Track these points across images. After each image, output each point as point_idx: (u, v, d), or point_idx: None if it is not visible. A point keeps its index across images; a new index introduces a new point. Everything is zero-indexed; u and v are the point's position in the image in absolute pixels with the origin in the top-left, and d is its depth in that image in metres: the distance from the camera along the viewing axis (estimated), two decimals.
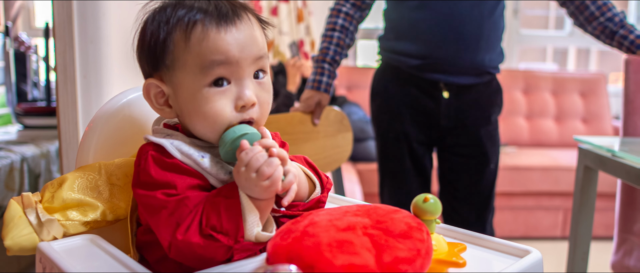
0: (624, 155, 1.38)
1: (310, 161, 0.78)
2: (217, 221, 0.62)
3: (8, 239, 0.68)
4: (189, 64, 0.67)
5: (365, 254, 0.56)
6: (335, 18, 1.59)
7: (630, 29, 1.58)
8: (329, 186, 0.78)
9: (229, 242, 0.62)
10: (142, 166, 0.67)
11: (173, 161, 0.67)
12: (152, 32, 0.68)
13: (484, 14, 1.49)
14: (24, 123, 2.35)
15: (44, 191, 0.73)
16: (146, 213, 0.67)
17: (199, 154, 0.68)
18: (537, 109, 3.38)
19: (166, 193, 0.64)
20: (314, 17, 3.31)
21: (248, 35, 0.68)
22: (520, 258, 0.69)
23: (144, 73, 0.73)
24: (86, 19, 1.34)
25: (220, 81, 0.67)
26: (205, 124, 0.68)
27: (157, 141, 0.69)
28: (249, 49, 0.67)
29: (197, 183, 0.67)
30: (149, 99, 0.72)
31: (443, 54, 1.50)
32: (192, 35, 0.66)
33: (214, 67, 0.66)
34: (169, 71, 0.68)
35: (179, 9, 0.67)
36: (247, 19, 0.69)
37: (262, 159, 0.62)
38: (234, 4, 0.69)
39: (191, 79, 0.67)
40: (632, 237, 1.72)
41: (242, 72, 0.67)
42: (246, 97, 0.67)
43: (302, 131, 1.56)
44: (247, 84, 0.68)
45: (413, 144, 1.60)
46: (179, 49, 0.67)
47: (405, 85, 1.57)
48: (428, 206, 0.67)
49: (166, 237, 0.63)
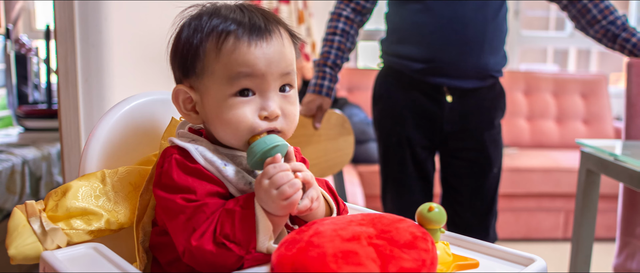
0: (626, 159, 1.37)
1: (331, 186, 0.79)
2: (230, 230, 0.63)
3: (12, 248, 0.68)
4: (217, 73, 0.68)
5: (371, 265, 0.56)
6: (335, 22, 1.58)
7: (633, 32, 1.58)
8: (345, 213, 0.79)
9: (241, 252, 0.63)
10: (165, 168, 0.69)
11: (196, 166, 0.68)
12: (187, 38, 0.70)
13: (487, 17, 1.48)
14: (25, 125, 2.36)
15: (47, 200, 0.73)
16: (164, 216, 0.68)
17: (222, 162, 0.69)
18: (538, 111, 3.38)
19: (186, 198, 0.65)
20: (315, 19, 3.31)
21: (277, 50, 0.69)
22: (525, 267, 0.68)
23: (175, 78, 0.75)
24: (88, 22, 1.34)
25: (246, 92, 0.68)
26: (228, 130, 0.69)
27: (183, 145, 0.70)
28: (276, 64, 0.69)
29: (217, 190, 0.68)
30: (177, 104, 0.74)
31: (446, 58, 1.49)
32: (224, 46, 0.68)
33: (240, 78, 0.67)
34: (198, 78, 0.70)
35: (214, 18, 0.69)
36: (279, 35, 0.71)
37: (286, 178, 0.63)
38: (268, 18, 0.71)
39: (218, 87, 0.68)
40: (634, 240, 1.72)
41: (268, 86, 0.69)
42: (270, 108, 0.69)
43: (304, 135, 1.56)
44: (272, 97, 0.69)
45: (416, 149, 1.59)
46: (209, 58, 0.69)
47: (408, 89, 1.57)
48: (433, 215, 0.66)
49: (181, 242, 0.64)
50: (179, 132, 0.75)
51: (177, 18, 0.73)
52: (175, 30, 0.73)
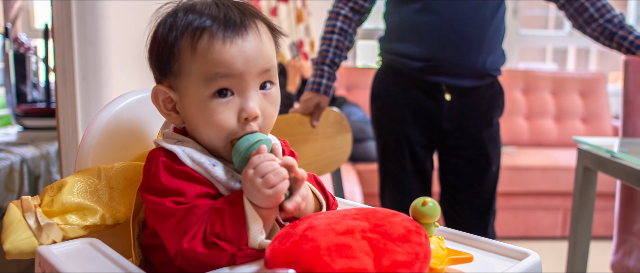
0: (623, 156, 1.38)
1: (319, 180, 0.78)
2: (221, 228, 0.62)
3: (7, 243, 0.68)
4: (193, 74, 0.67)
5: (364, 258, 0.56)
6: (334, 21, 1.59)
7: (629, 30, 1.58)
8: (334, 207, 0.78)
9: (233, 249, 0.62)
10: (152, 172, 0.67)
11: (184, 168, 0.67)
12: (162, 37, 0.68)
13: (486, 16, 1.49)
14: (24, 124, 2.36)
15: (43, 195, 0.73)
16: (154, 220, 0.67)
17: (211, 163, 0.68)
18: (536, 109, 3.39)
19: (175, 200, 0.64)
20: (314, 18, 3.31)
21: (254, 47, 0.67)
22: (519, 261, 0.69)
23: (155, 77, 0.73)
24: (85, 21, 1.35)
25: (224, 92, 0.67)
26: (210, 133, 0.68)
27: (169, 147, 0.69)
28: (254, 62, 0.67)
29: (207, 191, 0.67)
30: (157, 104, 0.72)
31: (446, 56, 1.49)
32: (198, 44, 0.66)
33: (217, 79, 0.66)
34: (176, 79, 0.69)
35: (190, 15, 0.67)
36: (255, 29, 0.68)
37: (271, 167, 0.63)
38: (244, 12, 0.68)
39: (196, 88, 0.67)
40: (631, 238, 1.72)
41: (246, 85, 0.67)
42: (249, 109, 0.67)
43: (301, 133, 1.56)
44: (251, 96, 0.68)
45: (414, 147, 1.60)
46: (185, 58, 0.67)
47: (407, 87, 1.57)
48: (427, 209, 0.67)
49: (173, 245, 0.63)
50: (164, 133, 0.74)
51: (153, 15, 0.71)
52: (152, 28, 0.71)
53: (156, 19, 0.70)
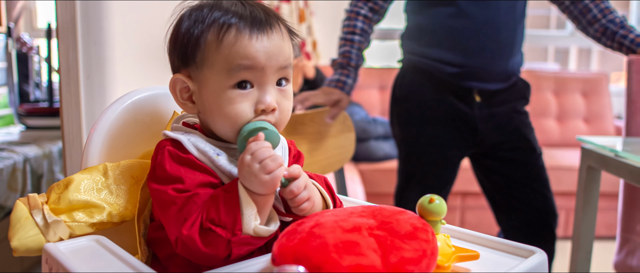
0: (626, 155, 1.38)
1: (329, 183, 0.80)
2: (215, 214, 0.63)
3: (15, 240, 0.69)
4: (217, 65, 0.69)
5: (372, 255, 0.56)
6: (354, 21, 1.57)
7: (630, 29, 1.60)
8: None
9: (227, 234, 0.63)
10: (158, 160, 0.69)
11: (188, 156, 0.69)
12: (187, 28, 0.71)
13: (516, 19, 1.50)
14: (26, 123, 2.36)
15: (50, 193, 0.73)
16: (158, 208, 0.69)
17: (215, 152, 0.70)
18: (538, 109, 3.38)
19: (177, 188, 0.66)
20: (316, 17, 3.31)
21: (277, 44, 0.70)
22: (525, 259, 0.69)
23: (173, 67, 0.75)
24: (89, 20, 1.35)
25: (244, 84, 0.69)
26: (225, 123, 0.70)
27: (175, 136, 0.71)
28: (276, 57, 0.70)
29: (209, 180, 0.68)
30: (174, 93, 0.74)
31: (480, 63, 1.50)
32: (225, 38, 0.69)
33: (240, 70, 0.68)
34: (197, 69, 0.71)
35: (216, 11, 0.70)
36: (279, 29, 0.72)
37: (268, 153, 0.64)
38: (268, 13, 0.72)
39: (217, 79, 0.69)
40: (634, 237, 1.72)
41: (266, 79, 0.70)
42: (267, 101, 0.70)
43: (305, 132, 1.56)
44: (269, 90, 0.70)
45: (445, 150, 1.58)
46: (210, 49, 0.69)
47: (440, 90, 1.56)
48: (433, 207, 0.67)
49: (173, 232, 0.65)
50: (173, 126, 0.76)
51: (177, 8, 0.74)
52: (174, 21, 0.74)
53: (180, 11, 0.73)
